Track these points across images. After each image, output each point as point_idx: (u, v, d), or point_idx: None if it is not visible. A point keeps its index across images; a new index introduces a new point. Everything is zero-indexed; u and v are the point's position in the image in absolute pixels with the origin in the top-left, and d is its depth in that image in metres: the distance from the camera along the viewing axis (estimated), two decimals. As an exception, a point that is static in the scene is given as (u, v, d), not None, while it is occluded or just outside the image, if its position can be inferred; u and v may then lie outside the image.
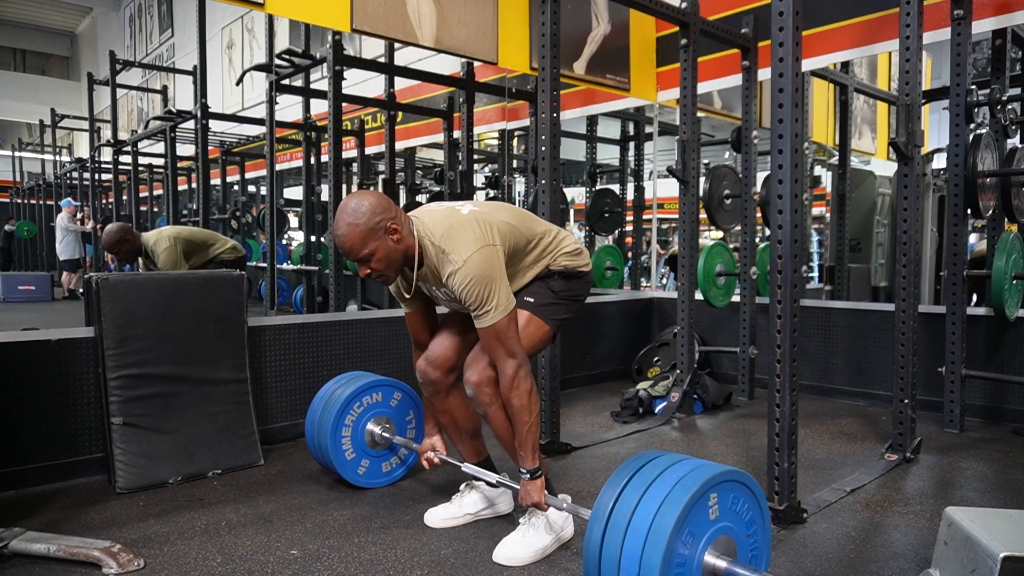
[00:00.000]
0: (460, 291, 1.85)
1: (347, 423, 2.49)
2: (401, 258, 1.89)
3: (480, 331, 1.90)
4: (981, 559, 1.42)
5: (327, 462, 2.51)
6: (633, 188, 6.70)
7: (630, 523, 1.46)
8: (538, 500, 1.92)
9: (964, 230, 3.29)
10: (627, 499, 1.50)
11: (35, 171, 15.26)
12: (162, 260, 3.87)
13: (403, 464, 2.64)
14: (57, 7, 17.78)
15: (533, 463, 1.93)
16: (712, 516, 1.50)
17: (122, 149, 8.33)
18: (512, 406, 1.90)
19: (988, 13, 3.40)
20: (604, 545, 1.49)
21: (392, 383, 2.61)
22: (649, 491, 1.49)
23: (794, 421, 2.23)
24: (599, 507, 1.53)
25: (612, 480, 1.56)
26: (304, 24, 5.80)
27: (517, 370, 1.88)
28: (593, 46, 4.45)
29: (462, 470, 2.19)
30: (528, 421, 1.90)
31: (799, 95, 2.14)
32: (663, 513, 1.43)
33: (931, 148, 5.36)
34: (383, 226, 1.83)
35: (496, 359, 1.91)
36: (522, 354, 1.91)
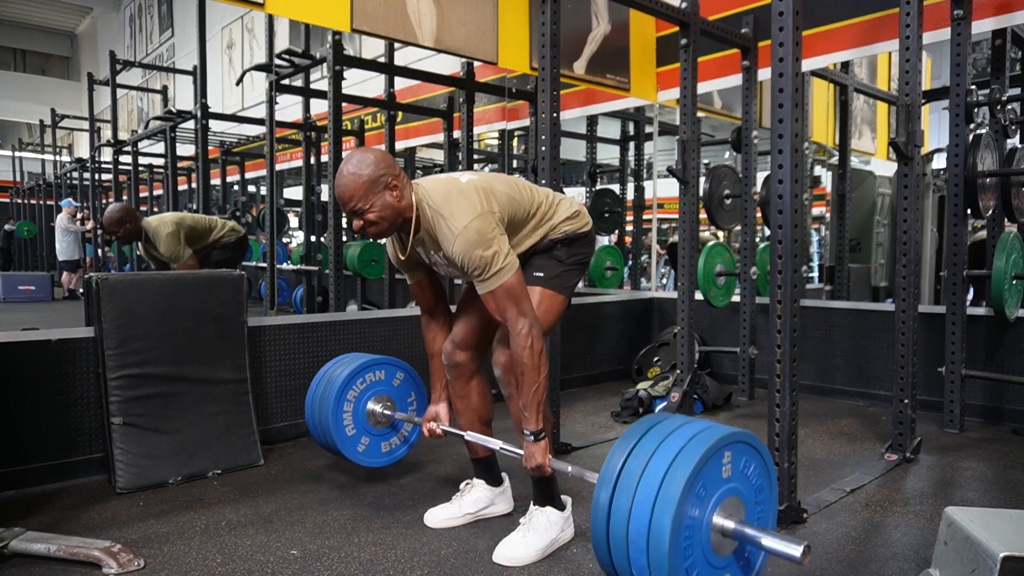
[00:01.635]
0: (462, 258, 1.83)
1: (349, 398, 2.45)
2: (398, 216, 1.87)
3: (488, 295, 1.86)
4: (981, 559, 1.42)
5: (328, 439, 2.47)
6: (633, 188, 6.70)
7: (640, 482, 1.40)
8: (542, 462, 1.90)
9: (964, 230, 3.29)
10: (637, 458, 1.44)
11: (35, 171, 15.27)
12: (164, 245, 3.82)
13: (405, 443, 2.61)
14: (57, 7, 17.77)
15: (537, 425, 1.90)
16: (725, 475, 1.44)
17: (122, 149, 8.34)
18: (523, 364, 1.85)
19: (988, 13, 3.40)
20: (612, 508, 1.43)
21: (395, 362, 2.57)
22: (660, 449, 1.43)
23: (794, 421, 2.23)
24: (607, 469, 1.47)
25: (620, 442, 1.50)
26: (304, 24, 5.81)
27: (530, 329, 1.84)
28: (593, 46, 4.45)
29: (466, 438, 2.15)
30: (536, 381, 1.86)
31: (799, 95, 2.14)
32: (676, 466, 1.37)
33: (931, 148, 5.36)
34: (384, 180, 1.83)
35: (507, 319, 1.87)
36: (533, 313, 1.88)
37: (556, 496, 2.08)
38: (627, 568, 1.41)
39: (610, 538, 1.44)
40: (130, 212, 3.90)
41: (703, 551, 1.41)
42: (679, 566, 1.35)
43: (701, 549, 1.40)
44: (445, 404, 2.25)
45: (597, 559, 1.47)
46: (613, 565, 1.45)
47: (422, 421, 2.27)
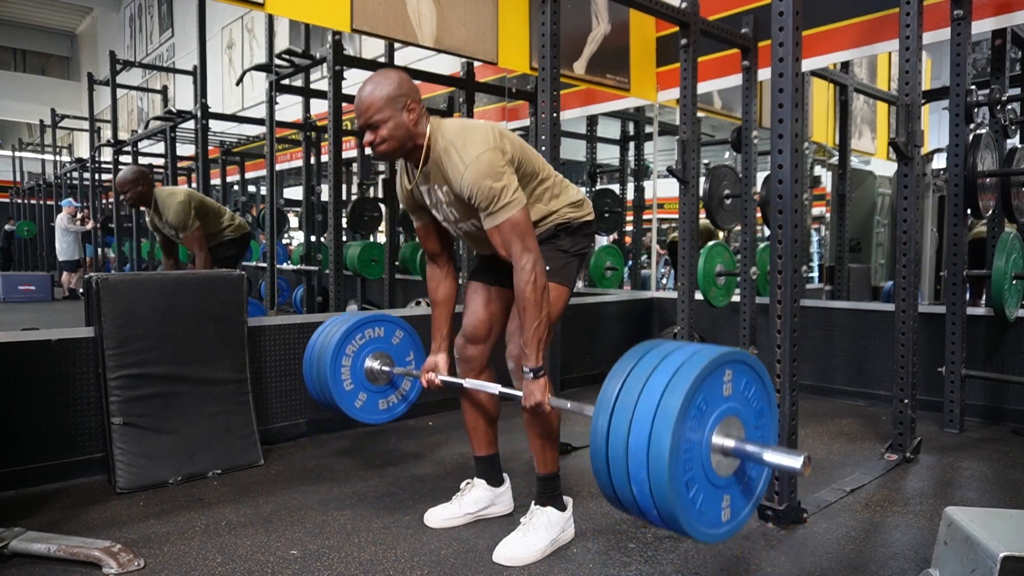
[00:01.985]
0: (470, 189, 1.83)
1: (347, 353, 2.41)
2: (409, 139, 1.88)
3: (494, 229, 1.85)
4: (981, 559, 1.42)
5: (326, 395, 2.42)
6: (633, 188, 6.70)
7: (636, 406, 1.35)
8: (541, 399, 1.88)
9: (964, 230, 3.29)
10: (635, 377, 1.40)
11: (35, 171, 15.27)
12: (173, 213, 3.80)
13: (404, 401, 2.56)
14: (57, 7, 17.79)
15: (537, 363, 1.88)
16: (726, 393, 1.40)
17: (122, 149, 8.34)
18: (526, 300, 1.84)
19: (988, 13, 3.40)
20: (611, 433, 1.38)
21: (395, 320, 2.53)
22: (660, 366, 1.38)
23: (794, 421, 2.23)
24: (603, 395, 1.43)
25: (616, 368, 1.46)
26: (304, 24, 5.81)
27: (534, 265, 1.84)
28: (593, 46, 4.45)
29: (464, 385, 2.12)
30: (538, 317, 1.85)
31: (799, 95, 2.14)
32: (677, 379, 1.32)
33: (931, 148, 5.36)
34: (404, 101, 1.85)
35: (512, 254, 1.85)
36: (537, 249, 1.87)
37: (558, 496, 2.08)
38: (627, 489, 1.36)
39: (609, 457, 1.39)
40: (144, 175, 3.89)
41: (703, 468, 1.37)
42: (679, 477, 1.31)
43: (701, 466, 1.36)
44: (444, 354, 2.21)
45: (599, 483, 1.42)
46: (613, 487, 1.40)
47: (420, 372, 2.23)
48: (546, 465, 2.08)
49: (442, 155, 1.87)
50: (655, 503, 1.32)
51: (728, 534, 1.44)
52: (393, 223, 6.53)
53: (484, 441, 2.24)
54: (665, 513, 1.32)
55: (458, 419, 3.51)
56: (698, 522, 1.36)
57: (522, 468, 2.75)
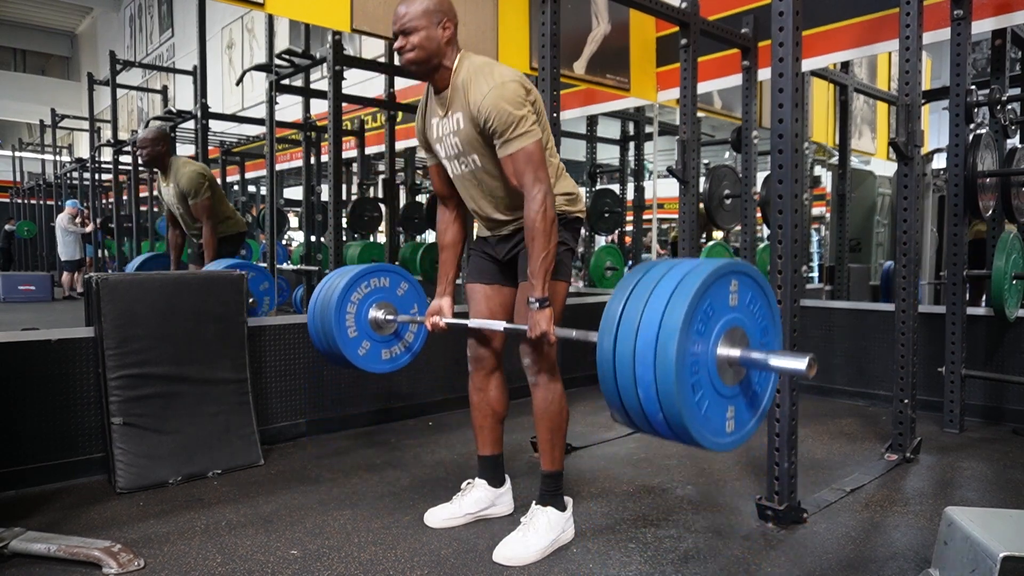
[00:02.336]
0: (489, 111, 1.85)
1: (352, 300, 2.41)
2: (437, 55, 1.92)
3: (508, 158, 1.87)
4: (981, 559, 1.42)
5: (329, 343, 2.42)
6: (633, 188, 6.70)
7: (640, 322, 1.33)
8: (546, 329, 1.88)
9: (964, 230, 3.29)
10: (635, 300, 1.38)
11: (35, 171, 15.28)
12: (186, 179, 3.82)
13: (408, 351, 2.57)
14: (57, 7, 17.79)
15: (544, 292, 1.89)
16: (732, 303, 1.39)
17: (122, 149, 8.33)
18: (535, 229, 1.85)
19: (988, 13, 3.40)
20: (616, 354, 1.36)
21: (401, 272, 2.54)
22: (667, 276, 1.37)
23: (794, 421, 2.23)
24: (606, 317, 1.41)
25: (618, 288, 1.44)
26: (304, 24, 5.81)
27: (544, 196, 1.86)
28: (593, 46, 4.45)
29: (469, 325, 2.11)
30: (547, 248, 1.87)
31: (799, 95, 2.14)
32: (676, 298, 1.30)
33: (931, 148, 5.36)
34: (440, 18, 1.91)
35: (524, 184, 1.87)
36: (548, 181, 1.89)
37: (560, 495, 2.08)
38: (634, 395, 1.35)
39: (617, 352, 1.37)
40: (165, 136, 3.95)
41: (709, 374, 1.36)
42: (685, 380, 1.30)
43: (707, 372, 1.36)
44: (449, 298, 2.22)
45: (607, 399, 1.41)
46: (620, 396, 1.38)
47: (425, 316, 2.24)
48: (553, 462, 2.08)
49: (467, 78, 1.91)
50: (661, 406, 1.30)
51: (733, 445, 1.44)
52: (393, 223, 6.53)
53: (490, 440, 2.24)
54: (671, 416, 1.30)
55: (458, 419, 3.53)
56: (703, 427, 1.35)
57: (522, 468, 2.75)
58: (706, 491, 2.54)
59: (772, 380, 1.49)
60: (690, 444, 1.36)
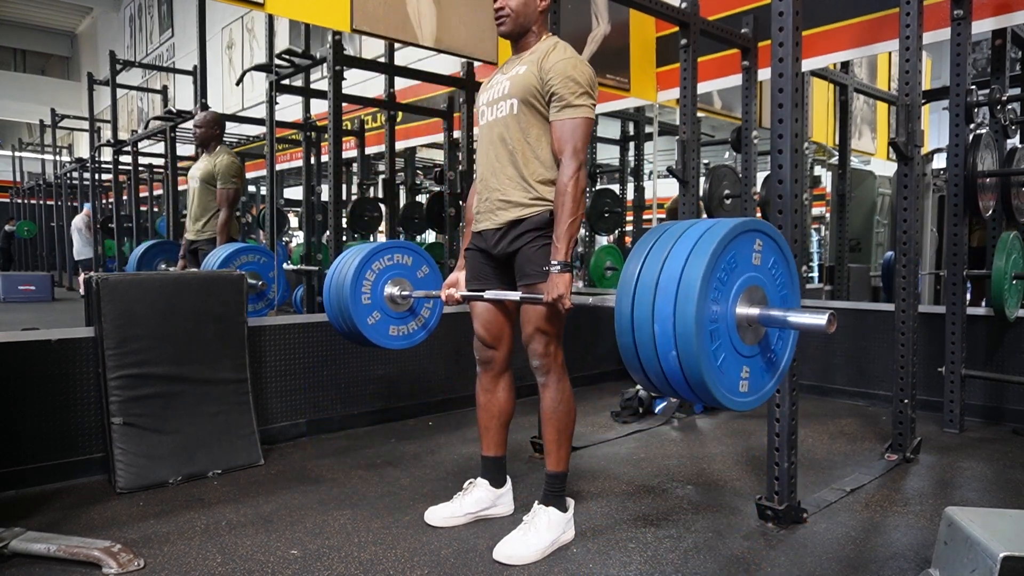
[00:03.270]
0: (562, 75, 1.94)
1: (373, 268, 2.43)
2: (529, 20, 2.04)
3: (560, 122, 1.96)
4: (981, 559, 1.42)
5: (343, 310, 2.42)
6: (633, 188, 6.70)
7: (659, 281, 1.33)
8: (564, 292, 1.90)
9: (964, 230, 3.29)
10: (656, 253, 1.37)
11: (35, 171, 15.27)
12: (226, 163, 4.08)
13: (424, 328, 2.58)
14: (57, 7, 17.79)
15: (566, 256, 1.93)
16: (755, 261, 1.39)
17: (122, 149, 8.33)
18: (567, 195, 1.92)
19: (988, 13, 3.40)
20: (635, 317, 1.36)
21: (424, 255, 2.56)
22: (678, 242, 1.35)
23: (794, 421, 2.23)
24: (624, 279, 1.41)
25: (636, 248, 1.44)
26: (304, 24, 5.81)
27: (579, 167, 1.94)
28: (593, 46, 4.45)
29: (485, 296, 2.11)
30: (575, 214, 1.93)
31: (799, 95, 2.14)
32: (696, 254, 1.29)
33: (931, 148, 5.36)
34: None
35: (564, 152, 1.95)
36: (585, 156, 1.99)
37: (562, 496, 2.09)
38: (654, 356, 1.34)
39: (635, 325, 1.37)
40: (221, 123, 4.24)
41: (728, 330, 1.37)
42: (704, 327, 1.30)
43: (726, 326, 1.36)
44: (466, 272, 2.25)
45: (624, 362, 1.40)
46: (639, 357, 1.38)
47: (441, 289, 2.28)
48: (558, 463, 2.09)
49: (550, 47, 2.01)
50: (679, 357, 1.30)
51: (749, 405, 1.44)
52: (393, 223, 6.53)
53: (495, 442, 2.25)
54: (689, 367, 1.30)
55: (458, 419, 3.53)
56: (719, 380, 1.36)
57: (523, 469, 2.75)
58: (706, 491, 2.54)
59: (791, 342, 1.49)
60: (705, 398, 1.35)
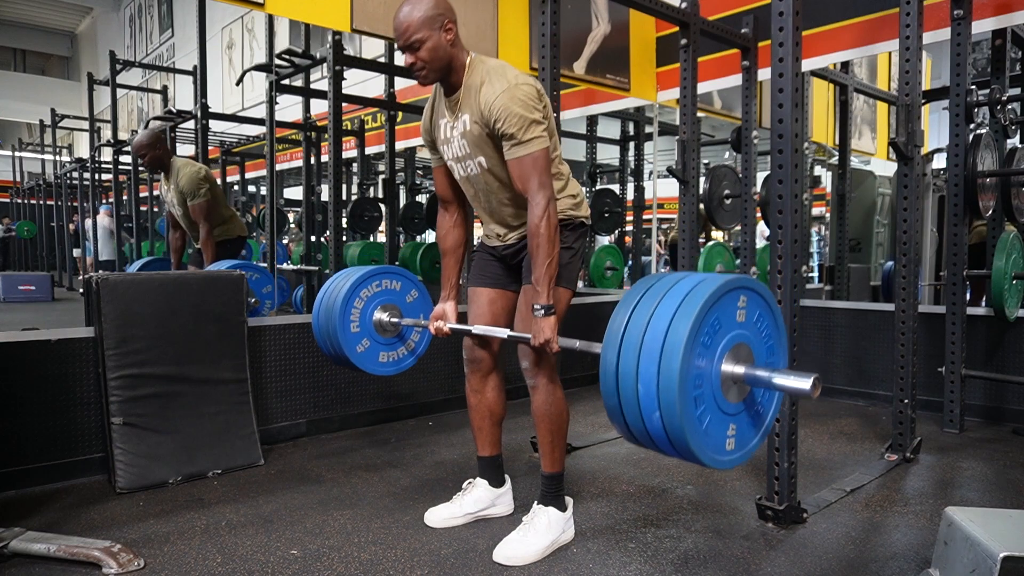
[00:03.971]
0: (502, 111, 1.83)
1: (361, 296, 2.41)
2: (448, 62, 1.90)
3: (515, 161, 1.86)
4: (981, 559, 1.42)
5: (331, 336, 2.40)
6: (633, 188, 6.70)
7: (644, 336, 1.32)
8: (550, 336, 1.87)
9: (964, 230, 3.29)
10: (640, 313, 1.37)
11: (35, 171, 15.27)
12: (186, 180, 3.82)
13: (412, 353, 2.56)
14: (57, 7, 17.79)
15: (548, 300, 1.88)
16: (739, 318, 1.38)
17: (122, 149, 8.33)
18: (540, 236, 1.85)
19: (988, 13, 3.40)
20: (620, 368, 1.36)
21: (413, 279, 2.53)
22: (674, 289, 1.36)
23: (794, 421, 2.23)
24: (610, 329, 1.41)
25: (624, 299, 1.44)
26: (304, 24, 5.81)
27: (548, 203, 1.85)
28: (593, 46, 4.45)
29: (473, 332, 2.11)
30: (551, 254, 1.86)
31: (799, 95, 2.14)
32: (681, 313, 1.29)
33: (931, 148, 5.36)
34: (441, 22, 1.86)
35: (529, 190, 1.86)
36: (552, 188, 1.89)
37: (561, 496, 2.08)
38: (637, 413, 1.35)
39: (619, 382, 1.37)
40: (160, 139, 3.93)
41: (712, 389, 1.35)
42: (688, 393, 1.29)
43: (711, 386, 1.35)
44: (453, 303, 2.22)
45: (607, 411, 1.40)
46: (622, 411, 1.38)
47: (429, 320, 2.24)
48: (553, 464, 2.08)
49: (480, 79, 1.89)
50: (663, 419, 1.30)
51: (734, 463, 1.42)
52: (393, 223, 6.53)
53: (488, 441, 2.24)
54: (673, 430, 1.29)
55: (458, 419, 3.53)
56: (704, 443, 1.34)
57: (522, 469, 2.75)
58: (706, 491, 2.54)
59: (776, 399, 1.48)
60: (690, 460, 1.35)
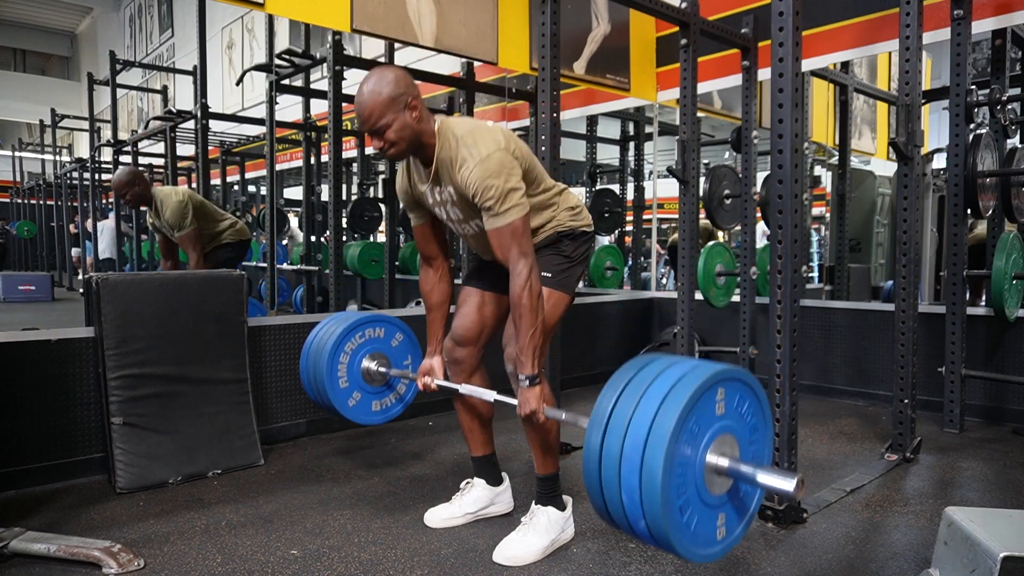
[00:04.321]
0: (476, 187, 1.82)
1: (346, 350, 2.41)
2: (416, 138, 1.87)
3: (494, 231, 1.85)
4: (981, 559, 1.42)
5: (320, 391, 2.41)
6: (633, 188, 6.70)
7: (629, 425, 1.35)
8: (536, 407, 1.86)
9: (964, 230, 3.29)
10: (628, 396, 1.39)
11: (35, 171, 15.27)
12: (169, 213, 3.82)
13: (401, 401, 2.56)
14: (57, 7, 17.79)
15: (533, 370, 1.87)
16: (718, 412, 1.40)
17: (122, 149, 8.33)
18: (522, 306, 1.84)
19: (988, 13, 3.40)
20: (603, 451, 1.38)
21: (396, 322, 2.52)
22: (652, 386, 1.38)
23: (794, 421, 2.23)
24: (597, 412, 1.42)
25: (610, 383, 1.45)
26: (304, 24, 5.81)
27: (530, 271, 1.84)
28: (593, 46, 4.45)
29: (460, 391, 2.11)
30: (534, 324, 1.85)
31: (799, 95, 2.14)
32: (669, 402, 1.32)
33: (931, 148, 5.36)
34: (404, 100, 1.83)
35: (509, 259, 1.85)
36: (534, 255, 1.87)
37: (558, 496, 2.08)
38: (621, 510, 1.37)
39: (602, 477, 1.39)
40: (138, 176, 3.93)
41: (697, 489, 1.37)
42: (672, 503, 1.31)
43: (695, 486, 1.36)
44: (440, 357, 2.21)
45: (591, 502, 1.43)
46: (607, 507, 1.40)
47: (417, 375, 2.23)
48: (545, 467, 2.08)
49: (451, 153, 1.87)
50: (648, 527, 1.32)
51: (722, 553, 1.44)
52: (393, 223, 6.52)
53: (480, 442, 2.24)
54: (659, 536, 1.32)
55: (457, 419, 3.52)
56: (692, 544, 1.36)
57: (522, 468, 2.75)
58: (706, 491, 2.54)
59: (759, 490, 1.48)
60: (680, 558, 1.37)
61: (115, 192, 3.91)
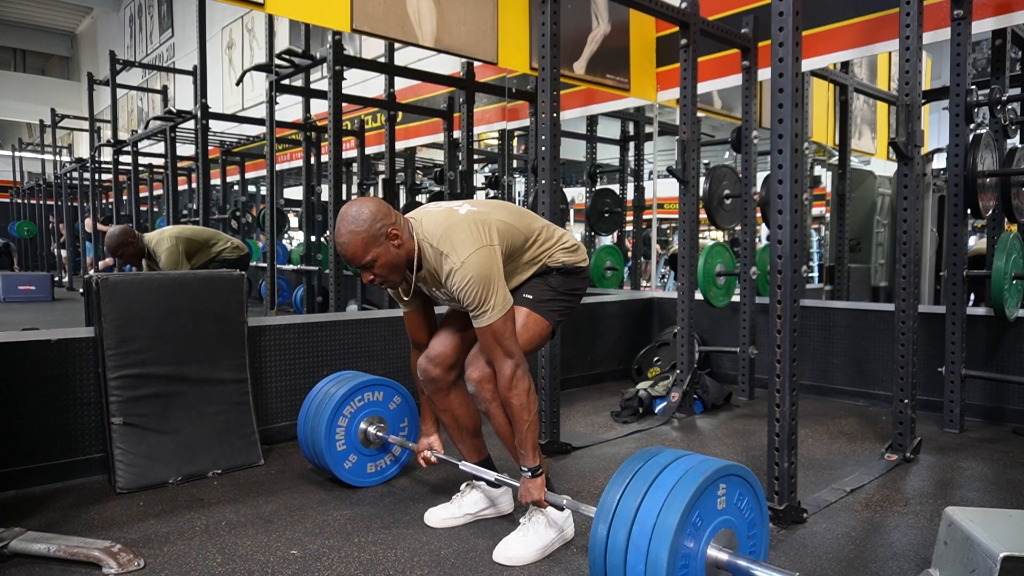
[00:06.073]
0: (458, 291, 1.88)
1: (345, 414, 2.48)
2: (403, 263, 1.92)
3: (479, 330, 1.92)
4: (981, 559, 1.42)
5: (318, 456, 2.49)
6: (633, 188, 6.69)
7: (635, 518, 1.44)
8: (538, 498, 1.93)
9: (964, 230, 3.29)
10: (633, 491, 1.49)
11: (35, 171, 15.26)
12: (163, 261, 3.91)
13: (396, 462, 2.64)
14: (57, 7, 17.77)
15: (534, 461, 1.94)
16: (720, 506, 1.49)
17: (122, 149, 8.33)
18: (511, 406, 1.92)
19: (988, 13, 3.40)
20: (609, 542, 1.47)
21: (394, 385, 2.61)
22: (657, 481, 1.48)
23: (794, 421, 2.23)
24: (603, 505, 1.52)
25: (616, 477, 1.55)
26: (304, 24, 5.81)
27: (515, 370, 1.90)
28: (593, 46, 4.45)
29: (460, 468, 2.19)
30: (527, 420, 1.91)
31: (799, 95, 2.14)
32: (674, 496, 1.42)
33: (931, 148, 5.36)
34: (384, 232, 1.85)
35: (493, 359, 1.92)
36: (519, 354, 1.92)
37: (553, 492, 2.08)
38: None
39: (607, 568, 1.48)
40: (129, 233, 4.01)
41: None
42: None
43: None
44: (437, 436, 2.30)
45: None
46: None
47: (416, 450, 2.31)
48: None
49: (433, 263, 1.92)
50: None
51: None
52: (393, 223, 6.52)
53: (472, 449, 2.25)
54: None
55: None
56: None
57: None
58: (706, 491, 2.54)
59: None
60: None
61: (110, 253, 4.02)
